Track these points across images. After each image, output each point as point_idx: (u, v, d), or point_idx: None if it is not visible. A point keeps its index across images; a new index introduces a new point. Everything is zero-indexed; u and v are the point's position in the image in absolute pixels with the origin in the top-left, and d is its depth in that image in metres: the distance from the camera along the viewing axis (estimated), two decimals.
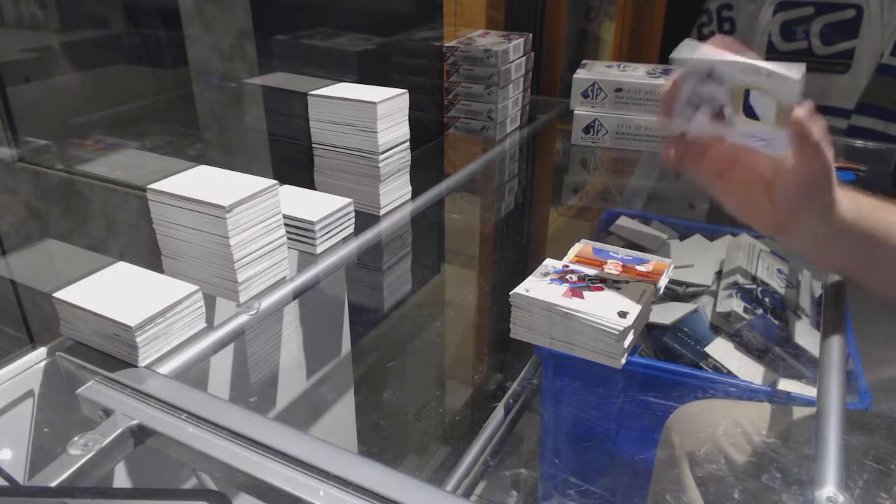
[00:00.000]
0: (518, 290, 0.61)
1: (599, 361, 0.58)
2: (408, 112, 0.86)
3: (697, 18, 1.67)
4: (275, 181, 0.65)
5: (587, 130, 1.18)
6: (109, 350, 0.56)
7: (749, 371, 0.78)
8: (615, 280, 0.63)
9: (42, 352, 0.58)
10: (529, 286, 0.61)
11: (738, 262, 0.89)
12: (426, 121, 1.20)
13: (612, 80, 1.14)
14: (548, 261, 0.66)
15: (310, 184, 0.89)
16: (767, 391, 0.74)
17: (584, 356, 0.59)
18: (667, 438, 0.70)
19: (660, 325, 0.84)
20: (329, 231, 0.75)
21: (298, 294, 0.71)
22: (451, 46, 1.18)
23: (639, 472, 0.75)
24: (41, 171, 0.89)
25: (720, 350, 0.80)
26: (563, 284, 0.61)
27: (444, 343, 1.17)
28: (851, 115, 1.49)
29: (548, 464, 0.83)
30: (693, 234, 1.02)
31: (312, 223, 0.73)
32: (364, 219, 0.83)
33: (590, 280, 0.63)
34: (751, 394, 0.72)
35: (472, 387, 1.15)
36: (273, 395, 0.83)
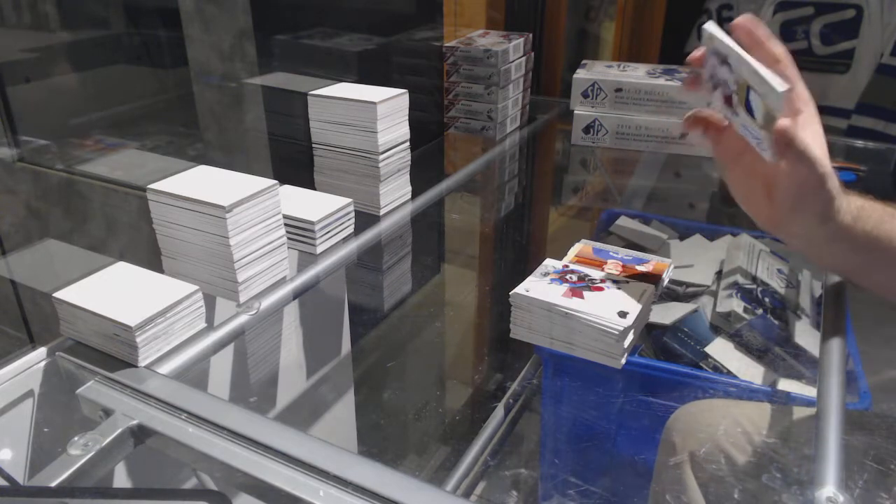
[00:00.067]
0: (518, 290, 0.61)
1: (599, 361, 0.58)
2: (408, 112, 0.86)
3: (697, 18, 1.67)
4: (275, 181, 0.65)
5: (587, 130, 1.18)
6: (109, 350, 0.56)
7: (749, 371, 0.78)
8: (615, 280, 0.63)
9: (42, 352, 0.58)
10: (529, 286, 0.61)
11: (738, 262, 0.89)
12: (426, 121, 1.20)
13: (612, 80, 1.14)
14: (548, 261, 0.66)
15: (310, 184, 0.89)
16: (767, 391, 0.74)
17: (584, 356, 0.59)
18: (667, 439, 0.70)
19: (660, 325, 0.84)
20: (329, 231, 0.75)
21: (298, 294, 0.71)
22: (451, 46, 1.18)
23: (639, 473, 0.75)
24: (41, 171, 0.89)
25: (720, 350, 0.80)
26: (563, 284, 0.61)
27: (444, 343, 1.17)
28: (851, 115, 1.49)
29: (548, 464, 0.83)
30: (693, 234, 1.02)
31: (312, 223, 0.73)
32: (364, 219, 0.83)
33: (590, 280, 0.63)
34: (751, 394, 0.72)
35: (472, 387, 1.15)
36: (273, 395, 0.83)
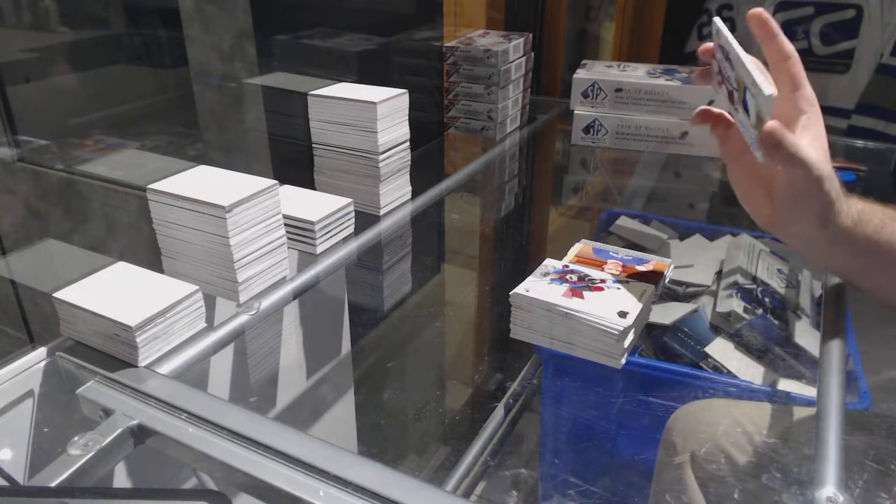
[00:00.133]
0: (518, 290, 0.61)
1: (599, 361, 0.58)
2: (408, 112, 0.86)
3: (697, 18, 1.67)
4: (275, 181, 0.65)
5: (587, 130, 1.18)
6: (109, 350, 0.56)
7: (749, 371, 0.78)
8: (615, 280, 0.63)
9: (42, 352, 0.58)
10: (529, 286, 0.61)
11: (738, 262, 0.89)
12: (426, 121, 1.20)
13: (612, 80, 1.14)
14: (548, 261, 0.66)
15: (310, 184, 0.89)
16: (767, 391, 0.74)
17: (584, 356, 0.59)
18: (667, 439, 0.70)
19: (660, 325, 0.84)
20: (329, 231, 0.75)
21: (298, 294, 0.71)
22: (451, 46, 1.18)
23: (639, 473, 0.75)
24: (41, 171, 0.89)
25: (720, 350, 0.80)
26: (563, 284, 0.61)
27: (444, 343, 1.17)
28: (851, 115, 1.49)
29: (548, 464, 0.83)
30: (693, 234, 1.02)
31: (312, 223, 0.73)
32: (364, 219, 0.83)
33: (590, 280, 0.63)
34: (751, 394, 0.72)
35: (472, 387, 1.15)
36: (273, 395, 0.83)
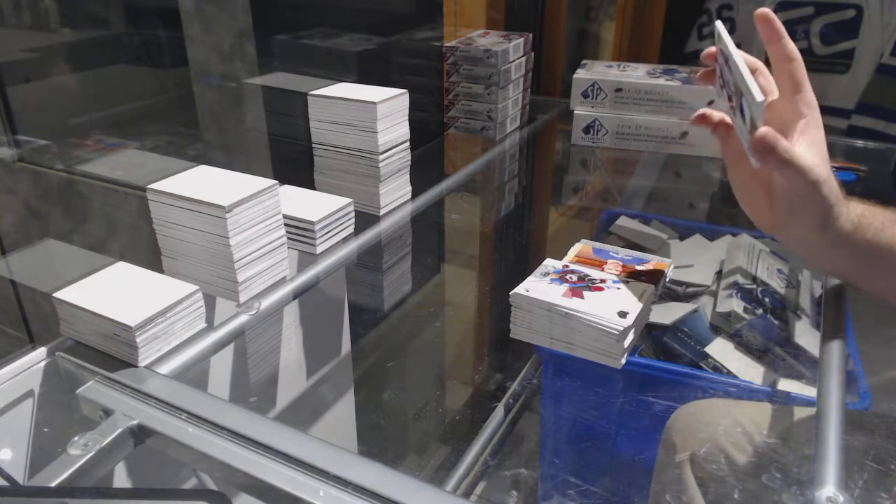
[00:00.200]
0: (518, 290, 0.61)
1: (599, 361, 0.58)
2: (408, 112, 0.86)
3: (697, 18, 1.67)
4: (275, 181, 0.65)
5: (587, 130, 1.18)
6: (109, 350, 0.56)
7: (749, 371, 0.78)
8: (615, 280, 0.63)
9: (42, 352, 0.58)
10: (529, 286, 0.61)
11: (738, 262, 0.89)
12: (426, 121, 1.20)
13: (612, 80, 1.14)
14: (548, 261, 0.66)
15: (310, 184, 0.89)
16: (767, 391, 0.74)
17: (584, 356, 0.59)
18: (667, 439, 0.70)
19: (660, 325, 0.84)
20: (329, 231, 0.75)
21: (298, 294, 0.71)
22: (451, 46, 1.18)
23: (639, 472, 0.75)
24: (41, 171, 0.89)
25: (720, 350, 0.80)
26: (563, 284, 0.61)
27: (444, 343, 1.17)
28: (851, 115, 1.49)
29: (548, 464, 0.83)
30: (693, 234, 1.02)
31: (312, 223, 0.73)
32: (364, 219, 0.83)
33: (590, 280, 0.63)
34: (751, 394, 0.72)
35: (472, 387, 1.15)
36: (273, 395, 0.83)
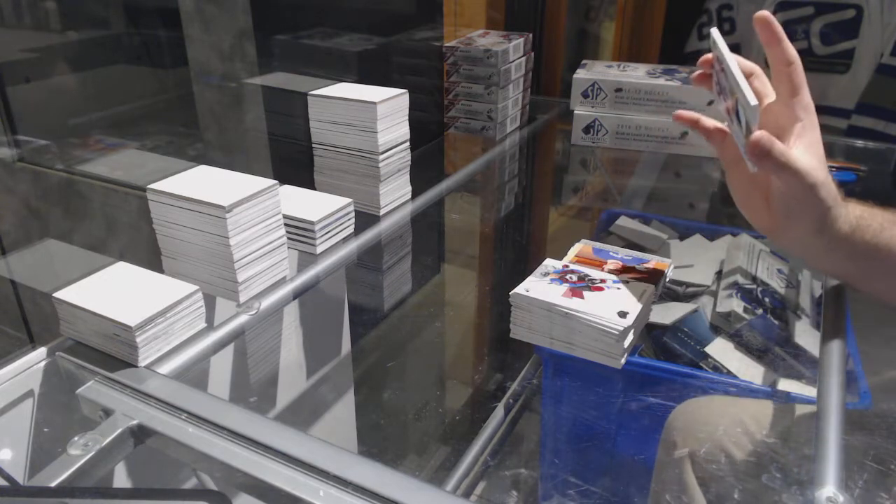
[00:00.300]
0: (518, 290, 0.61)
1: (599, 361, 0.58)
2: (408, 112, 0.86)
3: (697, 18, 1.67)
4: (275, 181, 0.65)
5: (587, 130, 1.18)
6: (109, 350, 0.56)
7: (749, 371, 0.78)
8: (615, 280, 0.63)
9: (42, 352, 0.58)
10: (529, 286, 0.61)
11: (738, 262, 0.89)
12: (426, 121, 1.20)
13: (612, 80, 1.14)
14: (548, 261, 0.66)
15: (310, 184, 0.89)
16: (767, 391, 0.74)
17: (584, 356, 0.59)
18: (668, 436, 0.70)
19: (660, 325, 0.84)
20: (329, 231, 0.75)
21: (298, 294, 0.71)
22: (451, 46, 1.18)
23: (639, 472, 0.75)
24: (41, 171, 0.89)
25: (720, 350, 0.80)
26: (563, 284, 0.61)
27: (444, 343, 1.17)
28: (851, 115, 1.49)
29: (548, 464, 0.83)
30: (693, 234, 1.02)
31: (312, 223, 0.73)
32: (364, 219, 0.83)
33: (590, 280, 0.63)
34: (751, 394, 0.72)
35: (472, 387, 1.15)
36: (273, 395, 0.83)
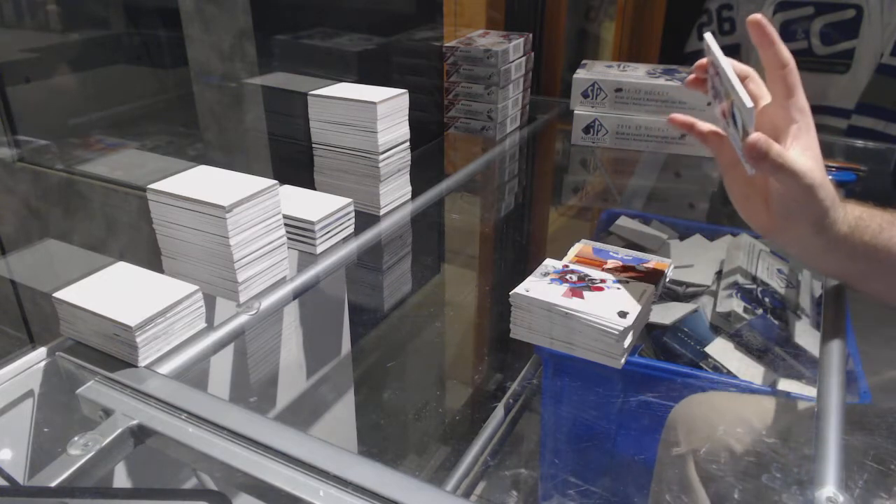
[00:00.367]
0: (518, 290, 0.61)
1: (599, 361, 0.58)
2: (408, 112, 0.86)
3: (697, 18, 1.67)
4: (275, 181, 0.65)
5: (587, 130, 1.18)
6: (109, 350, 0.56)
7: (749, 371, 0.78)
8: (615, 280, 0.63)
9: (42, 352, 0.58)
10: (529, 286, 0.61)
11: (738, 262, 0.89)
12: (426, 121, 1.20)
13: (612, 80, 1.14)
14: (548, 261, 0.66)
15: (310, 184, 0.89)
16: (767, 391, 0.74)
17: (584, 356, 0.59)
18: (668, 433, 0.70)
19: (660, 325, 0.84)
20: (329, 231, 0.75)
21: (298, 294, 0.71)
22: (451, 46, 1.18)
23: (639, 472, 0.75)
24: (41, 171, 0.89)
25: (720, 350, 0.80)
26: (563, 284, 0.61)
27: (444, 343, 1.17)
28: (851, 115, 1.49)
29: (548, 464, 0.83)
30: (693, 234, 1.02)
31: (312, 223, 0.73)
32: (364, 219, 0.83)
33: (590, 280, 0.63)
34: (751, 394, 0.72)
35: (472, 387, 1.15)
36: (273, 395, 0.83)
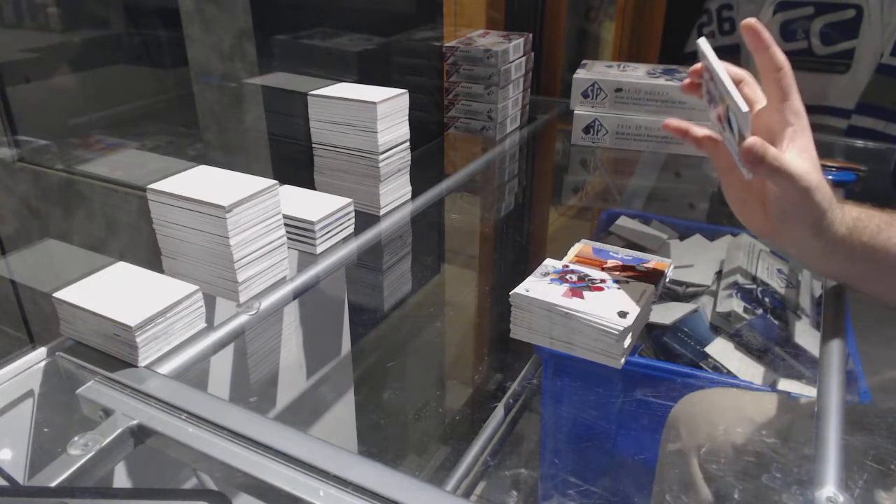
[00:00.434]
0: (518, 290, 0.61)
1: (599, 361, 0.58)
2: (408, 112, 0.86)
3: (697, 18, 1.67)
4: (275, 181, 0.65)
5: (587, 130, 1.18)
6: (109, 350, 0.56)
7: (749, 371, 0.78)
8: (615, 280, 0.63)
9: (42, 352, 0.58)
10: (529, 286, 0.61)
11: (738, 262, 0.89)
12: (426, 121, 1.20)
13: (612, 80, 1.14)
14: (548, 261, 0.66)
15: (310, 184, 0.89)
16: (767, 390, 0.74)
17: (584, 356, 0.59)
18: (671, 430, 0.70)
19: (660, 325, 0.84)
20: (329, 231, 0.75)
21: (298, 294, 0.71)
22: (451, 46, 1.18)
23: (639, 472, 0.75)
24: (41, 171, 0.89)
25: (720, 350, 0.80)
26: (563, 284, 0.61)
27: (444, 343, 1.17)
28: (851, 115, 1.48)
29: (548, 464, 0.83)
30: (693, 234, 1.02)
31: (312, 223, 0.73)
32: (364, 219, 0.83)
33: (590, 280, 0.63)
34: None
35: (472, 387, 1.15)
36: (273, 395, 0.83)
